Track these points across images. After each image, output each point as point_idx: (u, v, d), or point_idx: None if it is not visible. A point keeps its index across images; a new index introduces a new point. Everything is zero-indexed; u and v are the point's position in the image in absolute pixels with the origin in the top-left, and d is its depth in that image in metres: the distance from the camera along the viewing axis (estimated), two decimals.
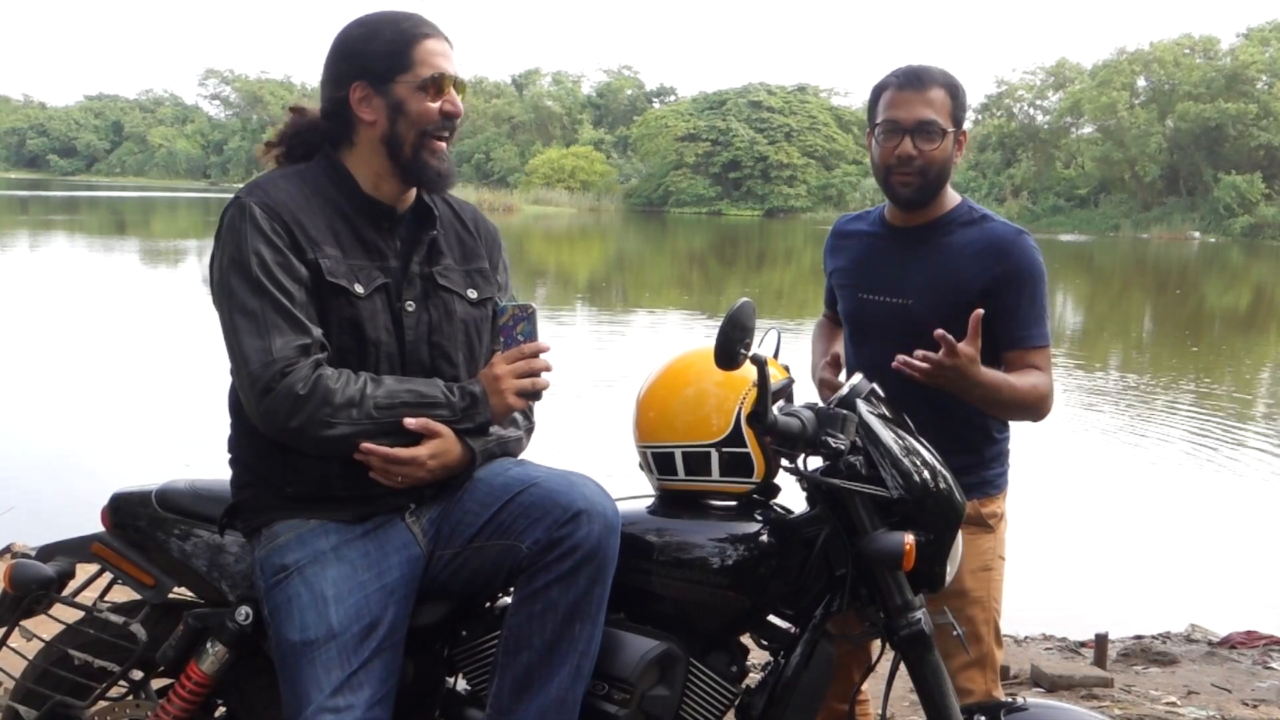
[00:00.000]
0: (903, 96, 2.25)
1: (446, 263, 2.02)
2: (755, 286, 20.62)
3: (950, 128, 2.26)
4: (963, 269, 2.28)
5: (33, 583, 2.07)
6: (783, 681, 1.93)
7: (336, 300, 1.88)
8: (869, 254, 2.41)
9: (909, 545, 1.81)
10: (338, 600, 1.84)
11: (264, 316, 1.82)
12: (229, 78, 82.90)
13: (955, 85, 2.28)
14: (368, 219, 1.95)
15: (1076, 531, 6.61)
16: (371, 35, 1.93)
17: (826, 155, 53.15)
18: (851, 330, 2.47)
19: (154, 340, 11.84)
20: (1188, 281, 26.45)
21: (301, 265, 1.86)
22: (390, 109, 1.92)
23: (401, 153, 1.93)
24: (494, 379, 1.92)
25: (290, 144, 2.00)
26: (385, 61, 1.91)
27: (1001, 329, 2.25)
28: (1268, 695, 4.14)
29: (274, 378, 1.80)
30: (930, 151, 2.24)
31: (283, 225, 1.86)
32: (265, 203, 1.87)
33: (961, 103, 2.29)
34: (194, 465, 4.94)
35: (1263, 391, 12.45)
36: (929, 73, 2.27)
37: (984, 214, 2.36)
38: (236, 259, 1.85)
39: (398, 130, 1.92)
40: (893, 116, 2.25)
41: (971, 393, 2.14)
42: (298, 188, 1.92)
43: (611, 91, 66.82)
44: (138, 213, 42.83)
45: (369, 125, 1.93)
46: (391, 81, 1.91)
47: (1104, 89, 44.71)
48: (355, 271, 1.90)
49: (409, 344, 1.94)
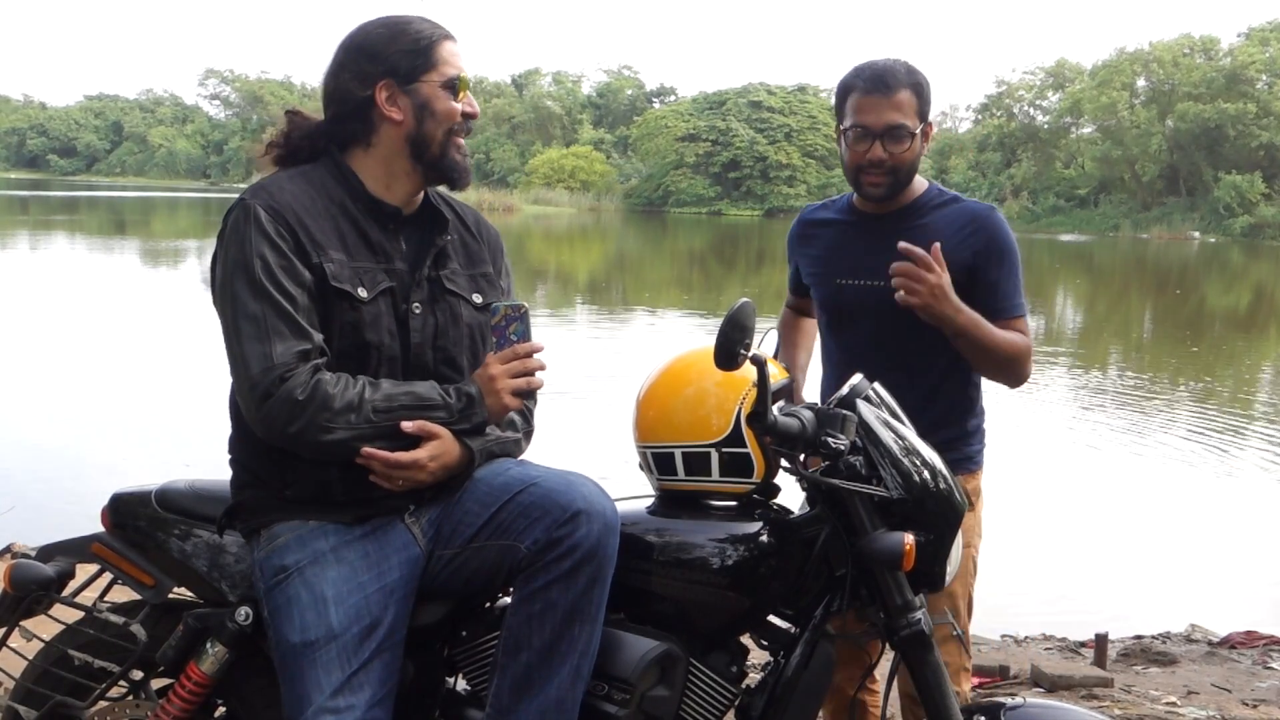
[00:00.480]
0: (870, 102, 2.28)
1: (453, 266, 2.02)
2: (755, 286, 20.62)
3: (918, 127, 2.31)
4: (943, 246, 2.29)
5: (33, 583, 2.07)
6: (783, 682, 1.92)
7: (340, 304, 1.87)
8: (842, 241, 2.45)
9: (909, 545, 1.81)
10: (337, 601, 1.84)
11: (266, 321, 1.82)
12: (229, 78, 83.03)
13: (920, 83, 2.31)
14: (374, 220, 1.95)
15: (1077, 531, 6.62)
16: (394, 35, 1.94)
17: (826, 155, 53.12)
18: (829, 318, 2.50)
19: (154, 341, 11.84)
20: (1188, 281, 26.45)
21: (305, 269, 1.85)
22: (417, 108, 1.93)
23: (429, 151, 1.94)
24: (489, 379, 1.92)
25: (292, 146, 2.00)
26: (411, 60, 1.93)
27: (985, 301, 2.30)
28: (1268, 695, 4.14)
29: (274, 383, 1.80)
30: (900, 154, 2.30)
31: (288, 228, 1.85)
32: (271, 205, 1.86)
33: (926, 98, 2.33)
34: (194, 465, 4.95)
35: (1262, 391, 12.45)
36: (894, 75, 2.29)
37: (954, 195, 2.44)
38: (240, 261, 1.85)
39: (425, 129, 1.94)
40: (862, 122, 2.29)
41: (954, 321, 2.20)
42: (303, 189, 1.91)
43: (611, 91, 66.85)
44: (138, 213, 42.82)
45: (395, 124, 1.93)
46: (417, 80, 1.93)
47: (1104, 89, 44.74)
48: (360, 275, 1.90)
49: (414, 347, 1.94)
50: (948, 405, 2.39)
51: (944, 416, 2.37)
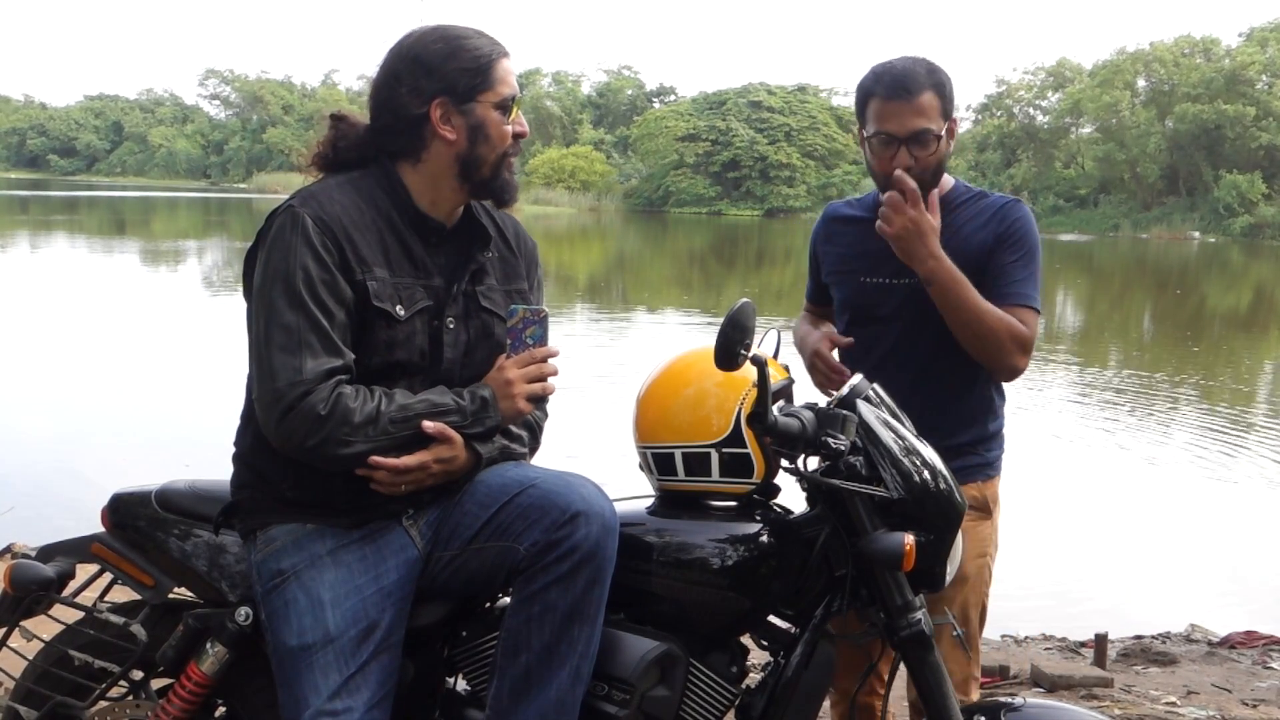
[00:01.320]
0: (893, 108, 2.22)
1: (489, 283, 2.00)
2: (755, 286, 20.62)
3: (942, 128, 2.25)
4: (969, 239, 2.29)
5: (33, 583, 2.07)
6: (783, 682, 1.92)
7: (378, 323, 1.86)
8: (868, 238, 2.37)
9: (909, 545, 1.81)
10: (335, 604, 1.83)
11: (299, 333, 1.79)
12: (229, 78, 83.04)
13: (942, 82, 2.25)
14: (418, 234, 1.93)
15: (1077, 531, 6.62)
16: (453, 51, 1.89)
17: (826, 155, 53.17)
18: (852, 316, 2.44)
19: (154, 341, 11.84)
20: (1188, 281, 26.46)
21: (348, 286, 1.83)
22: (471, 129, 1.90)
23: (479, 172, 1.92)
24: (505, 383, 1.91)
25: (341, 156, 1.96)
26: (468, 79, 1.89)
27: (993, 283, 2.26)
28: (1267, 695, 4.15)
29: (298, 397, 1.78)
30: (927, 158, 2.24)
31: (334, 242, 1.82)
32: (320, 216, 1.83)
33: (949, 96, 2.26)
34: (194, 465, 4.94)
35: (1263, 392, 12.45)
36: (915, 78, 2.22)
37: (980, 191, 2.40)
38: (282, 270, 1.81)
39: (478, 151, 1.91)
40: (886, 130, 2.23)
41: (925, 264, 2.18)
42: (352, 200, 1.88)
43: (611, 91, 66.85)
44: (138, 213, 42.83)
45: (448, 144, 1.90)
46: (473, 100, 1.89)
47: (1105, 89, 44.73)
48: (399, 291, 1.88)
49: (446, 361, 1.93)
50: (970, 407, 2.35)
51: (966, 418, 2.33)
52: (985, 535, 2.35)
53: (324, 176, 1.96)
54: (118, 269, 21.37)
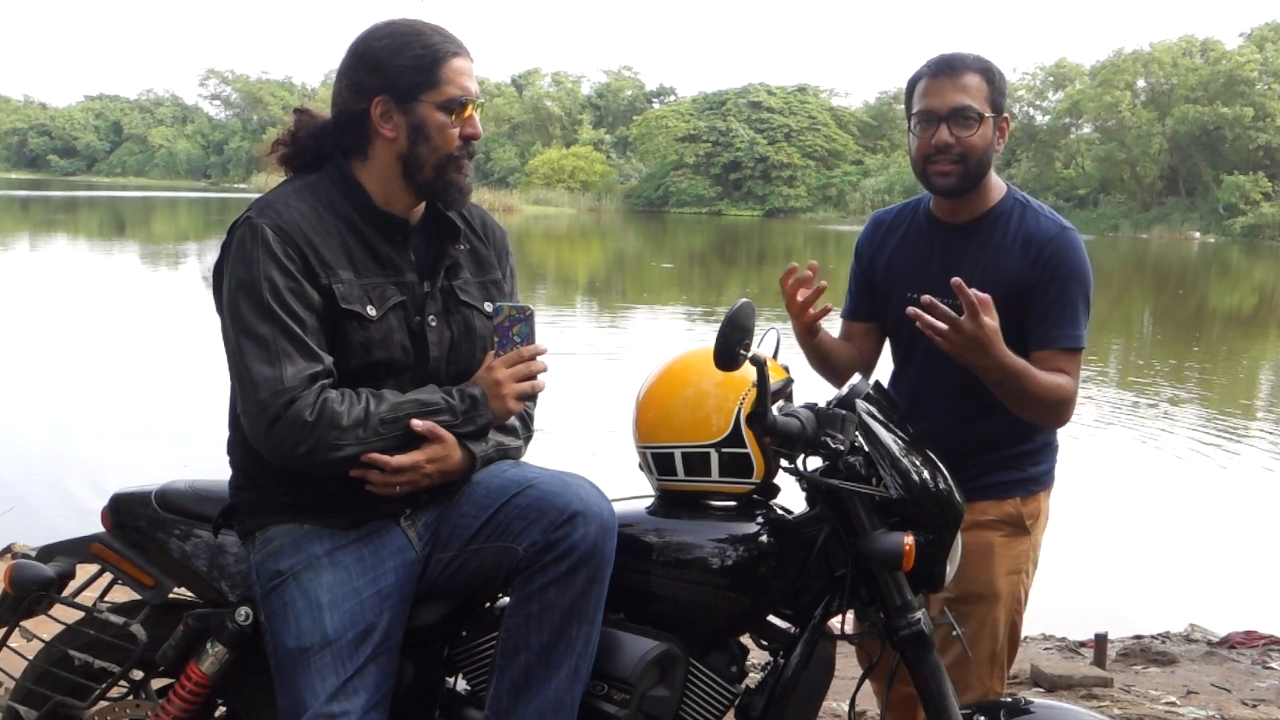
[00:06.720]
0: (936, 84, 2.20)
1: (465, 276, 1.99)
2: (755, 286, 20.60)
3: (988, 113, 2.19)
4: (1007, 262, 2.21)
5: (33, 583, 2.07)
6: (782, 682, 1.93)
7: (350, 324, 1.85)
8: (915, 252, 2.31)
9: (908, 545, 1.81)
10: (332, 606, 1.83)
11: (275, 343, 1.78)
12: (229, 78, 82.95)
13: (991, 70, 2.21)
14: (381, 233, 1.91)
15: (1076, 531, 6.60)
16: (398, 48, 1.86)
17: (826, 155, 53.11)
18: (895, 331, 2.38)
19: (154, 341, 11.83)
20: (1188, 281, 26.44)
21: (314, 291, 1.82)
22: (411, 129, 1.87)
23: (420, 173, 1.89)
24: (495, 383, 1.91)
25: (299, 147, 1.96)
26: (410, 77, 1.85)
27: (1031, 327, 2.19)
28: (1267, 695, 4.14)
29: (283, 406, 1.77)
30: (967, 138, 2.17)
31: (295, 249, 1.81)
32: (278, 225, 1.82)
33: (1000, 88, 2.22)
34: (193, 466, 4.93)
35: (1263, 391, 12.45)
36: (962, 59, 2.21)
37: (1025, 203, 2.28)
38: (246, 282, 1.80)
39: (417, 152, 1.88)
40: (927, 106, 2.20)
41: (991, 372, 2.07)
42: (309, 205, 1.87)
43: (611, 92, 66.79)
44: (138, 213, 42.80)
45: (388, 141, 1.88)
46: (415, 100, 1.86)
47: (1105, 89, 44.70)
48: (369, 292, 1.87)
49: (432, 360, 1.92)
50: (1011, 419, 2.21)
51: (1010, 431, 2.25)
52: (1021, 552, 2.30)
53: (281, 183, 1.95)
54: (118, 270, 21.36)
